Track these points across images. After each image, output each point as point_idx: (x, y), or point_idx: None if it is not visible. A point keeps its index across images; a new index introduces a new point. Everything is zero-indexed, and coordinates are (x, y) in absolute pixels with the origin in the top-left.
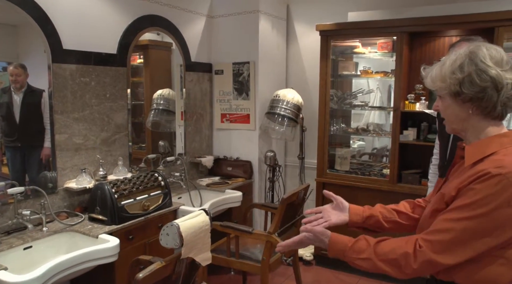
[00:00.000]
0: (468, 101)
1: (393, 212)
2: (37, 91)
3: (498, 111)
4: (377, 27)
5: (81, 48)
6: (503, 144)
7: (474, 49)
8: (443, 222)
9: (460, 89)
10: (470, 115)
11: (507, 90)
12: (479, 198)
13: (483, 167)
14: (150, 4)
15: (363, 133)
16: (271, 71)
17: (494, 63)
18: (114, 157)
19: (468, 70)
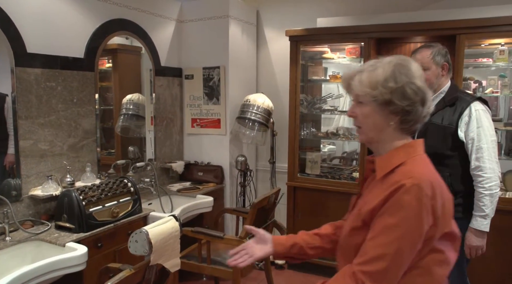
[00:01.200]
0: (395, 113)
1: (315, 237)
2: (0, 96)
3: (416, 127)
4: (345, 33)
5: (46, 52)
6: (409, 153)
7: (403, 62)
8: (375, 248)
9: (391, 99)
10: (390, 127)
11: (427, 108)
12: (402, 214)
13: (395, 178)
14: (118, 8)
15: (333, 137)
16: (241, 76)
17: (421, 79)
18: (82, 163)
19: (401, 81)
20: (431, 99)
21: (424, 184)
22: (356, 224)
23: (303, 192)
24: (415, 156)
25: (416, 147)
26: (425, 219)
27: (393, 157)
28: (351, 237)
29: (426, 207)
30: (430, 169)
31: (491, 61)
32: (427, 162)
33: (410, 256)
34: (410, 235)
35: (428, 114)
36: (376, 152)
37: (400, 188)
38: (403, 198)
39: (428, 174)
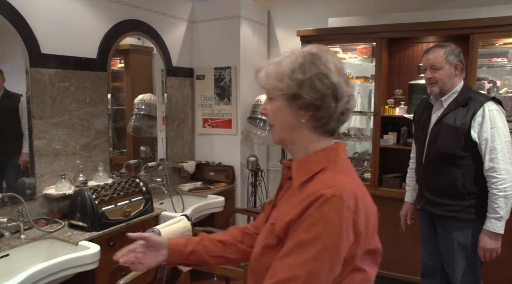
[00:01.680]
0: (304, 108)
1: (218, 244)
2: (15, 96)
3: (332, 125)
4: (356, 33)
5: (60, 53)
6: (330, 158)
7: (318, 51)
8: (286, 269)
9: (298, 92)
10: (302, 125)
11: (344, 104)
12: (319, 230)
13: (314, 188)
14: (131, 8)
15: (344, 137)
16: (252, 76)
17: (336, 71)
18: (95, 162)
19: (310, 72)
20: (349, 95)
21: (346, 194)
22: (270, 242)
23: None
24: (337, 161)
25: (338, 151)
26: (346, 236)
27: (311, 162)
28: (263, 256)
29: (347, 222)
30: (353, 177)
31: (506, 61)
32: (350, 168)
33: (328, 279)
34: (328, 254)
35: (348, 112)
36: (293, 155)
37: (319, 199)
38: (321, 210)
39: (351, 183)
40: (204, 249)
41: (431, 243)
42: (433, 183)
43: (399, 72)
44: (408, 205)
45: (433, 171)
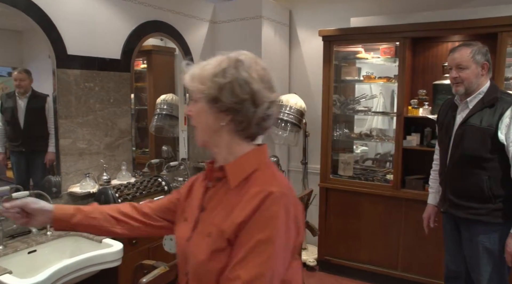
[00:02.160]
0: (224, 111)
1: (110, 219)
2: (41, 96)
3: (252, 130)
4: (379, 32)
5: (85, 54)
6: (260, 159)
7: (243, 58)
8: (249, 271)
9: (218, 95)
10: (223, 128)
11: (263, 109)
12: (272, 228)
13: (258, 187)
14: (154, 10)
15: (366, 138)
16: (274, 76)
17: (258, 77)
18: (118, 161)
19: (231, 77)
20: (271, 102)
21: (288, 191)
22: (219, 245)
23: (336, 194)
24: (266, 161)
25: (264, 152)
26: (292, 229)
27: (244, 163)
28: (212, 262)
29: (292, 217)
30: (281, 174)
31: None
32: (275, 167)
33: (284, 270)
34: (282, 248)
35: (269, 118)
36: (217, 157)
37: (268, 197)
38: (272, 208)
39: (285, 181)
40: (92, 222)
41: (455, 247)
42: (457, 186)
43: (423, 72)
44: (431, 208)
45: (458, 173)
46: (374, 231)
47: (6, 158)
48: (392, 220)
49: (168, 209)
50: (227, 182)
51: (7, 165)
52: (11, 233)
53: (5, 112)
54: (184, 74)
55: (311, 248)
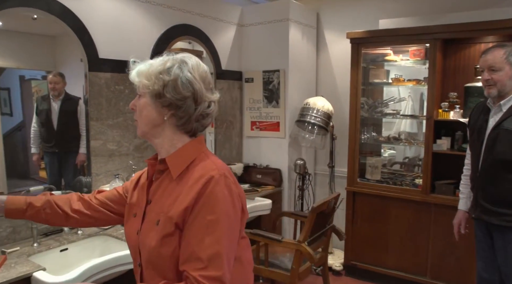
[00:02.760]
0: (166, 106)
1: (61, 215)
2: (74, 99)
3: (192, 126)
4: (409, 34)
5: (115, 57)
6: (198, 149)
7: (186, 58)
8: (206, 250)
9: (162, 91)
10: (165, 123)
11: (203, 108)
12: (219, 208)
13: (198, 173)
14: (182, 13)
15: (395, 142)
16: (301, 79)
17: (199, 78)
18: (146, 163)
19: (175, 75)
20: (210, 101)
21: (227, 172)
22: (168, 230)
23: (363, 198)
24: (204, 150)
25: (201, 143)
26: (237, 206)
27: (183, 154)
28: (163, 247)
29: (236, 194)
30: (219, 160)
31: None
32: (212, 154)
33: (236, 247)
34: (232, 226)
35: (208, 116)
36: (158, 150)
37: (210, 180)
38: (215, 190)
39: (224, 165)
40: (44, 217)
41: (488, 254)
42: (490, 191)
43: (454, 75)
44: (462, 213)
45: (490, 178)
46: (402, 236)
47: (40, 158)
48: (421, 225)
49: (112, 200)
50: (169, 173)
51: (40, 165)
52: (44, 231)
53: (40, 114)
54: (131, 71)
55: (337, 252)
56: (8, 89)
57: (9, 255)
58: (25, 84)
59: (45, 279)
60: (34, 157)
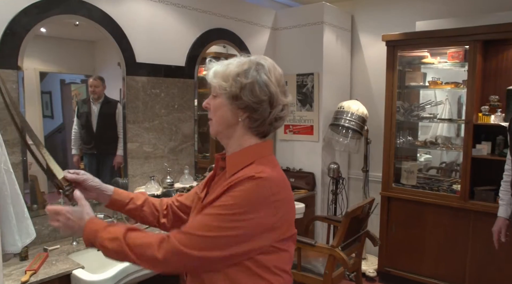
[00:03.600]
0: (242, 108)
1: (155, 214)
2: (113, 102)
3: (265, 128)
4: (448, 36)
5: (152, 61)
6: (259, 153)
7: (263, 62)
8: (199, 217)
9: (239, 93)
10: (239, 124)
11: (278, 111)
12: (239, 200)
13: (243, 173)
14: (217, 18)
15: (432, 146)
16: (335, 82)
17: (276, 81)
18: (181, 165)
19: (252, 77)
20: (284, 104)
21: (271, 178)
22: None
23: (398, 203)
24: (265, 156)
25: (266, 147)
26: (266, 211)
27: (244, 155)
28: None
29: (268, 200)
30: (278, 170)
31: None
32: (276, 163)
33: (230, 241)
34: (238, 219)
35: (281, 119)
36: (226, 148)
37: (247, 178)
38: (244, 183)
39: (276, 174)
40: (140, 214)
41: None
42: None
43: (495, 77)
44: (502, 221)
45: None
46: (439, 243)
47: (80, 159)
48: (459, 232)
49: (186, 205)
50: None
51: (79, 166)
52: None
53: (80, 117)
54: (207, 70)
55: (371, 258)
56: (49, 93)
57: (50, 252)
58: (65, 88)
59: (84, 277)
60: (74, 158)
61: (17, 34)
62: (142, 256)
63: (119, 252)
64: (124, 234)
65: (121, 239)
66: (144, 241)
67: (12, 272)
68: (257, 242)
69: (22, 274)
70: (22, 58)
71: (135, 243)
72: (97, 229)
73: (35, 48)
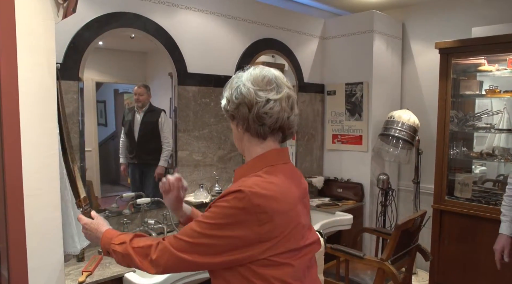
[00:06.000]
0: (233, 120)
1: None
2: (156, 111)
3: (256, 129)
4: (508, 41)
5: (203, 72)
6: (262, 164)
7: (243, 70)
8: (190, 223)
9: (226, 107)
10: (242, 134)
11: (259, 107)
12: (220, 211)
13: (233, 186)
14: (266, 28)
15: (488, 158)
16: (385, 91)
17: (251, 81)
18: (229, 174)
19: (230, 89)
20: (266, 100)
21: (256, 192)
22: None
23: (451, 217)
24: (274, 165)
25: (273, 156)
26: (247, 224)
27: (248, 167)
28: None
29: (250, 213)
30: (281, 180)
31: None
32: (285, 172)
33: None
34: (219, 233)
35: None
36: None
37: (228, 193)
38: (228, 196)
39: (270, 186)
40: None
41: None
42: None
43: None
44: (505, 238)
45: None
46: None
47: (126, 168)
48: None
49: None
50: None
51: (126, 175)
52: None
53: (125, 125)
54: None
55: (421, 274)
56: (104, 102)
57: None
58: (119, 97)
59: (135, 281)
60: (122, 166)
61: (79, 47)
62: (142, 258)
63: (126, 255)
64: (130, 238)
65: (128, 242)
66: (145, 243)
67: (71, 272)
68: (241, 253)
69: (79, 275)
70: (82, 69)
71: (138, 245)
72: (111, 237)
73: (92, 60)
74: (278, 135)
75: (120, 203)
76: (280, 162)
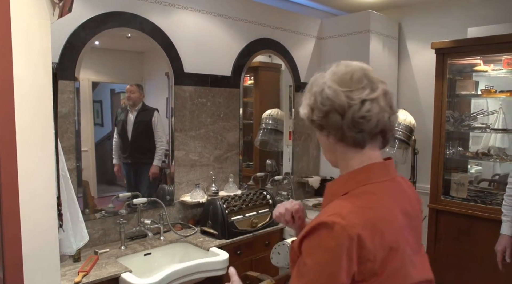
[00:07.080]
0: (322, 130)
1: None
2: (150, 110)
3: (353, 137)
4: (503, 42)
5: (199, 71)
6: (358, 181)
7: (319, 73)
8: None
9: (312, 117)
10: (334, 145)
11: (354, 111)
12: (317, 257)
13: (319, 216)
14: (263, 28)
15: (484, 157)
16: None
17: (337, 82)
18: (226, 173)
19: (313, 96)
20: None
21: (352, 224)
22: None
23: (447, 216)
24: (361, 185)
25: (372, 172)
26: (345, 267)
27: (342, 183)
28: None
29: (346, 250)
30: (372, 202)
31: None
32: (376, 193)
33: None
34: (324, 277)
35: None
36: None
37: (318, 225)
38: (320, 237)
39: (364, 212)
40: None
41: None
42: None
43: None
44: (507, 239)
45: None
46: (493, 260)
47: (120, 169)
48: None
49: None
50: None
51: (120, 175)
52: (130, 235)
53: (117, 125)
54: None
55: None
56: (100, 102)
57: (100, 255)
58: (115, 97)
59: (132, 281)
60: (115, 167)
61: (75, 47)
62: None
63: None
64: None
65: None
66: None
67: (67, 273)
68: None
69: (75, 275)
70: (79, 69)
71: None
72: None
73: (89, 60)
74: (378, 140)
75: (117, 203)
76: (383, 178)
